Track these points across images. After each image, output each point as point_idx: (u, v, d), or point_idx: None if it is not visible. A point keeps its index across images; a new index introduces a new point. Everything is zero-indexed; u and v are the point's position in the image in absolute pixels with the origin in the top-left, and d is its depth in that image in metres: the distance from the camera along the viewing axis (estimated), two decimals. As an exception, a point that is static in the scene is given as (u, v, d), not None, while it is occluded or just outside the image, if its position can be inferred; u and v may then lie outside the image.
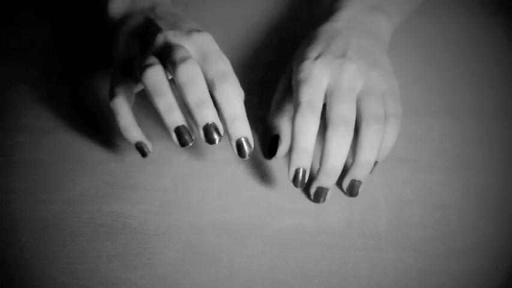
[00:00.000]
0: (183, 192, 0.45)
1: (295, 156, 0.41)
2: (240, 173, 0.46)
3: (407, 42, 0.55)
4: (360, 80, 0.42)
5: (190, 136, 0.39)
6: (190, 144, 0.39)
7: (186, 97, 0.38)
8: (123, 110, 0.41)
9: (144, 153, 0.42)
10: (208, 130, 0.38)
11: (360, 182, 0.43)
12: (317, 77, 0.42)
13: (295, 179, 0.41)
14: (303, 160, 0.41)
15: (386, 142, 0.43)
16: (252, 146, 0.40)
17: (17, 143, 0.47)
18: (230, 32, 0.56)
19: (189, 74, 0.38)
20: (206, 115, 0.38)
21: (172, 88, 0.39)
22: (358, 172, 0.42)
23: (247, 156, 0.40)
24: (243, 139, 0.39)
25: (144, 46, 0.42)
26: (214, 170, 0.46)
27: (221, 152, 0.47)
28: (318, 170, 0.42)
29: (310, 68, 0.42)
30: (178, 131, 0.39)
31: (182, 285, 0.39)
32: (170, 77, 0.41)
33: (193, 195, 0.44)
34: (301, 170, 0.41)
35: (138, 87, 0.44)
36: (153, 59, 0.40)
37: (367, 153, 0.41)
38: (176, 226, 0.42)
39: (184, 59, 0.39)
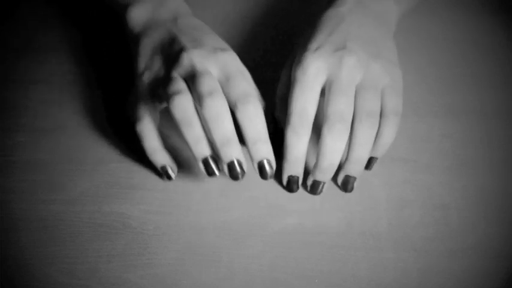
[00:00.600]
0: (183, 192, 0.45)
1: (287, 165, 0.42)
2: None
3: (407, 42, 0.55)
4: (359, 73, 0.42)
5: (218, 166, 0.40)
6: (217, 174, 0.40)
7: (211, 133, 0.39)
8: (150, 133, 0.42)
9: (169, 177, 0.43)
10: (232, 167, 0.40)
11: (354, 178, 0.43)
12: (313, 75, 0.42)
13: (288, 185, 0.43)
14: (295, 168, 0.43)
15: (385, 138, 0.42)
16: (274, 167, 0.41)
17: (17, 143, 0.47)
18: (230, 31, 0.56)
19: (216, 109, 0.39)
20: (231, 153, 0.39)
21: (199, 117, 0.40)
22: (352, 168, 0.43)
23: (268, 177, 0.41)
24: (265, 161, 0.40)
25: (168, 64, 0.42)
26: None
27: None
28: (314, 166, 0.42)
29: (307, 63, 0.42)
30: (206, 162, 0.40)
31: (182, 285, 0.39)
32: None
33: (193, 195, 0.44)
34: (294, 177, 0.43)
35: (163, 105, 0.44)
36: (180, 85, 0.40)
37: (360, 150, 0.41)
38: (176, 226, 0.42)
39: (210, 93, 0.39)
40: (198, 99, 0.39)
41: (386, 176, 0.46)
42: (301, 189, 0.45)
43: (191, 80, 0.40)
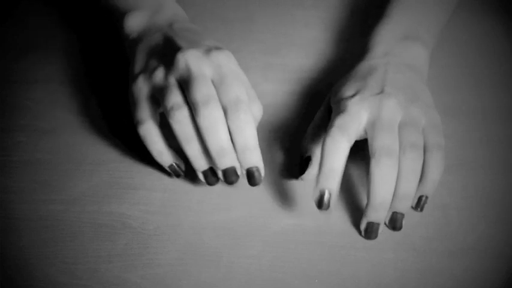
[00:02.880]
0: (183, 192, 0.45)
1: (321, 176, 0.40)
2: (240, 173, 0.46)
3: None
4: (399, 113, 0.42)
5: (216, 177, 0.42)
6: (216, 183, 0.43)
7: (207, 142, 0.40)
8: (154, 136, 0.42)
9: (177, 174, 0.44)
10: (227, 173, 0.41)
11: (402, 215, 0.41)
12: (356, 111, 0.42)
13: (319, 201, 0.40)
14: (329, 181, 0.40)
15: (432, 174, 0.41)
16: (263, 174, 0.41)
17: (17, 143, 0.47)
18: (229, 32, 0.56)
19: (211, 120, 0.39)
20: (225, 162, 0.40)
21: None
22: (399, 203, 0.41)
23: (257, 184, 0.41)
24: (253, 168, 0.41)
25: (164, 66, 0.43)
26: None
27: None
28: (366, 206, 0.41)
29: (348, 105, 0.42)
30: (205, 173, 0.42)
31: (182, 285, 0.39)
32: None
33: (193, 195, 0.44)
34: (326, 191, 0.40)
35: (161, 109, 0.43)
36: (177, 96, 0.41)
37: (406, 183, 0.40)
38: (176, 226, 0.42)
39: (206, 102, 0.39)
40: (193, 107, 0.40)
41: (386, 176, 0.45)
42: (300, 188, 0.45)
43: (186, 85, 0.41)
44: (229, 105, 0.40)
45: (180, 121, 0.40)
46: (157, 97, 0.42)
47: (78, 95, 0.51)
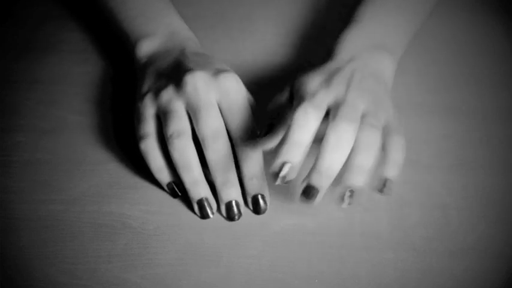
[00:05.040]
0: (183, 192, 0.45)
1: (285, 147, 0.38)
2: (239, 173, 0.46)
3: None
4: (363, 103, 0.41)
5: (212, 209, 0.43)
6: (211, 217, 0.43)
7: (213, 174, 0.42)
8: (154, 152, 0.43)
9: (175, 194, 0.44)
10: (229, 207, 0.42)
11: (352, 191, 0.38)
12: (324, 93, 0.41)
13: (278, 174, 0.38)
14: (294, 154, 0.38)
15: (393, 154, 0.40)
16: (268, 202, 0.43)
17: (17, 143, 0.47)
18: (227, 33, 0.56)
19: (219, 154, 0.41)
20: (229, 194, 0.42)
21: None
22: (351, 176, 0.38)
23: (262, 213, 0.43)
24: (259, 196, 0.42)
25: (173, 86, 0.43)
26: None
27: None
28: (311, 168, 0.38)
29: (316, 89, 0.41)
30: (201, 203, 0.42)
31: (182, 285, 0.39)
32: None
33: (193, 195, 0.44)
34: (288, 165, 0.38)
35: (163, 131, 0.43)
36: (181, 123, 0.41)
37: (360, 154, 0.38)
38: (176, 226, 0.42)
39: (215, 137, 0.41)
40: (201, 140, 0.41)
41: (386, 176, 0.45)
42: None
43: (194, 113, 0.41)
44: (237, 135, 0.42)
45: (180, 149, 0.41)
46: (161, 119, 0.43)
47: (78, 95, 0.51)
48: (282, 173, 0.38)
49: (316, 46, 0.56)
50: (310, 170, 0.38)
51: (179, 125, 0.41)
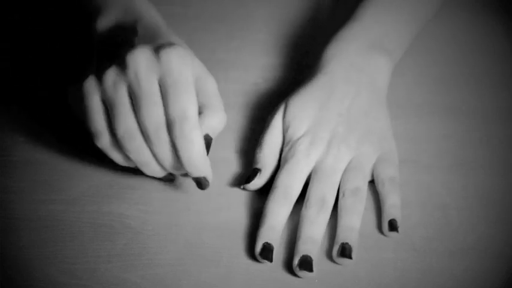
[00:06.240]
0: (183, 192, 0.45)
1: (262, 231, 0.41)
2: (240, 173, 0.46)
3: (407, 42, 0.55)
4: (346, 160, 0.43)
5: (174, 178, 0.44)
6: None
7: (161, 164, 0.41)
8: (115, 148, 0.41)
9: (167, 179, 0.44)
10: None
11: (349, 245, 0.40)
12: (301, 162, 0.43)
13: (262, 253, 0.40)
14: (269, 235, 0.41)
15: (389, 200, 0.43)
16: (211, 181, 0.41)
17: (17, 143, 0.47)
18: (228, 33, 0.57)
19: (164, 147, 0.39)
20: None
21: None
22: (343, 234, 0.41)
23: (207, 188, 0.41)
24: (201, 178, 0.41)
25: (115, 67, 0.40)
26: (214, 170, 0.46)
27: (221, 152, 0.47)
28: (297, 237, 0.41)
29: (296, 151, 0.43)
30: (166, 179, 0.44)
31: (182, 285, 0.39)
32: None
33: (193, 195, 0.44)
34: (267, 244, 0.40)
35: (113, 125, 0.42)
36: (127, 121, 0.39)
37: (345, 216, 0.41)
38: (176, 226, 0.42)
39: (156, 131, 0.39)
40: (144, 132, 0.39)
41: (386, 176, 0.45)
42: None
43: (136, 101, 0.39)
44: (174, 121, 0.39)
45: (134, 151, 0.40)
46: (107, 107, 0.40)
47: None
48: (262, 260, 0.40)
49: (316, 46, 0.56)
50: (296, 243, 0.41)
51: (127, 123, 0.39)
